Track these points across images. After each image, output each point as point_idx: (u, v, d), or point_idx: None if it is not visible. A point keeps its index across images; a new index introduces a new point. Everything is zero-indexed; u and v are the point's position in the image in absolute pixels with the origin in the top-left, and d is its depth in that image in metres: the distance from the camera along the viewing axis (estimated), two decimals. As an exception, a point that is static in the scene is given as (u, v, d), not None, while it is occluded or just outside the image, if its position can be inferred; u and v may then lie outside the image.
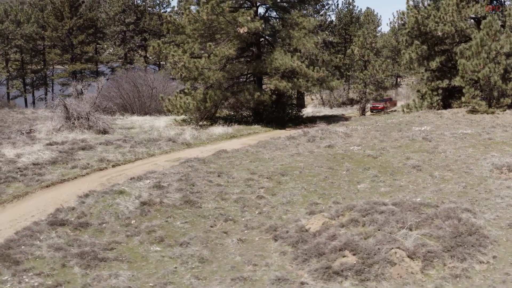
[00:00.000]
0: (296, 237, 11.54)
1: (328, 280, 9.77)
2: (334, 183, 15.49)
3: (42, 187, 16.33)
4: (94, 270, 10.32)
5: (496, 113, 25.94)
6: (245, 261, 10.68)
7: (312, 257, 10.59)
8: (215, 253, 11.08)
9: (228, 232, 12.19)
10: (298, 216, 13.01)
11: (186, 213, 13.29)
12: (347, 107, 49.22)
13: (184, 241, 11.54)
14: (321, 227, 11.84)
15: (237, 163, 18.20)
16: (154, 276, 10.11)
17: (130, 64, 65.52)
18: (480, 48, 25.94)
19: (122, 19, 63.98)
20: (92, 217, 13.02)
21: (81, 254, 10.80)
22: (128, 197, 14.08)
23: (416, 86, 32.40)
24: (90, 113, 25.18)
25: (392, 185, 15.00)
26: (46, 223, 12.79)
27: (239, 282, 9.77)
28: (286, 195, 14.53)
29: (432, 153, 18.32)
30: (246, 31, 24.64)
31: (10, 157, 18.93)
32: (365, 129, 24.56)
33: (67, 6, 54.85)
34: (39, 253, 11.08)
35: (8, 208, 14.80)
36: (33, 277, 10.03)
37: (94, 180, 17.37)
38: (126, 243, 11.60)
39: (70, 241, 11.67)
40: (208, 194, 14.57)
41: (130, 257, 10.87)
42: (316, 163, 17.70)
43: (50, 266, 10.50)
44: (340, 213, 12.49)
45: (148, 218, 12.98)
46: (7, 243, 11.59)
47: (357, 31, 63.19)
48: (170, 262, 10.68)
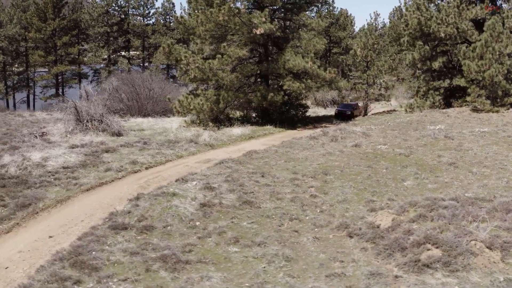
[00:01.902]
0: (371, 233, 11.71)
1: (419, 273, 9.97)
2: (379, 181, 15.75)
3: (83, 191, 15.94)
4: (181, 273, 10.18)
5: (501, 111, 26.89)
6: (330, 258, 10.76)
7: (396, 252, 10.77)
8: (296, 251, 11.10)
9: (298, 231, 12.23)
10: (360, 213, 13.18)
11: (248, 213, 13.24)
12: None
13: (260, 241, 11.51)
14: (392, 223, 12.03)
15: (272, 163, 18.23)
16: (245, 276, 10.05)
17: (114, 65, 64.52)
18: (485, 49, 26.84)
19: (105, 20, 62.93)
20: (154, 220, 12.80)
21: (163, 258, 10.62)
22: (183, 199, 13.91)
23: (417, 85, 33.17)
24: (104, 115, 24.65)
25: (437, 182, 15.37)
26: (107, 228, 12.51)
27: (335, 279, 9.85)
28: (338, 193, 14.68)
29: (460, 151, 18.86)
30: (262, 32, 24.71)
31: (36, 161, 18.36)
32: (380, 129, 25.02)
33: (51, 7, 53.53)
34: (115, 258, 10.84)
35: (54, 213, 14.38)
36: (120, 283, 9.81)
37: (132, 182, 17.08)
38: (201, 245, 11.47)
39: (142, 244, 11.46)
40: (261, 194, 14.56)
41: (213, 259, 10.77)
42: (352, 162, 17.93)
43: (133, 271, 10.29)
44: (405, 209, 12.72)
45: (212, 219, 12.88)
46: (75, 249, 11.29)
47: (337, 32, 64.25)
48: (256, 262, 10.64)
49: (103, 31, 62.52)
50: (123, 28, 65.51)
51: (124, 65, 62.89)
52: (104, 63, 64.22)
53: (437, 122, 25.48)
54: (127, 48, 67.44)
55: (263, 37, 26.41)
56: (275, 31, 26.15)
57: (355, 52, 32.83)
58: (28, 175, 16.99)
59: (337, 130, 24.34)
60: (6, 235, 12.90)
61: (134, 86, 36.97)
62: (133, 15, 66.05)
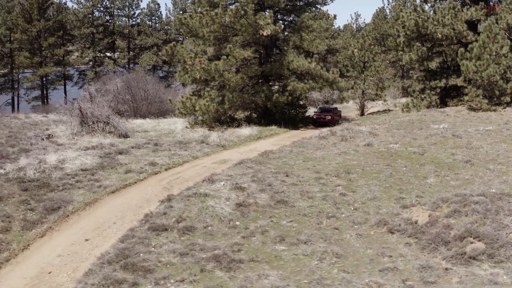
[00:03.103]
0: (411, 229, 12.02)
1: (467, 265, 10.33)
2: (402, 178, 16.09)
3: (108, 193, 15.82)
4: (237, 272, 10.27)
5: (498, 110, 27.71)
6: (378, 254, 11.01)
7: (440, 246, 11.10)
8: (343, 248, 11.31)
9: (339, 228, 12.45)
10: (393, 210, 13.47)
11: (284, 212, 13.39)
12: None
13: (305, 239, 11.68)
14: (429, 219, 12.36)
15: (291, 163, 18.41)
16: (301, 273, 10.20)
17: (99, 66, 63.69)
18: (482, 49, 27.63)
19: (91, 21, 62.08)
20: (193, 221, 12.82)
21: (215, 257, 10.68)
22: (217, 199, 13.96)
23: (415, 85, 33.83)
24: (110, 117, 24.42)
25: (458, 179, 15.79)
26: (146, 229, 12.49)
27: (389, 273, 10.10)
28: (366, 191, 14.95)
29: (471, 149, 19.38)
30: (269, 33, 24.88)
31: (53, 163, 18.10)
32: (385, 128, 25.46)
33: (36, 8, 52.51)
34: (166, 259, 10.85)
35: (84, 216, 14.24)
36: (179, 284, 9.84)
37: (154, 184, 17.03)
38: (247, 244, 11.57)
39: (188, 245, 11.49)
40: (292, 193, 14.72)
41: (264, 257, 10.88)
42: (369, 161, 18.25)
43: (187, 271, 10.32)
44: (438, 205, 13.07)
45: (251, 219, 12.98)
46: (121, 252, 11.24)
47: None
48: (307, 259, 10.80)
49: (89, 32, 61.64)
50: (108, 29, 64.74)
51: (110, 66, 62.13)
52: (90, 64, 63.32)
53: (439, 121, 26.07)
54: (113, 49, 66.64)
55: (267, 38, 26.57)
56: (279, 32, 26.38)
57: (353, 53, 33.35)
58: (48, 178, 16.74)
59: (344, 129, 24.67)
60: (41, 239, 12.75)
61: (129, 88, 36.62)
62: (118, 16, 65.31)
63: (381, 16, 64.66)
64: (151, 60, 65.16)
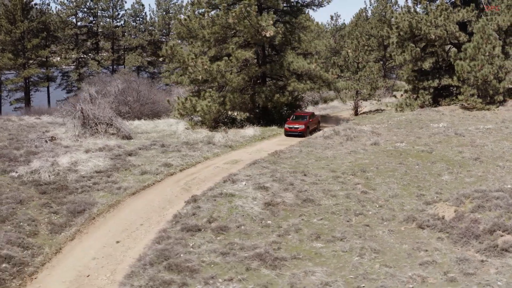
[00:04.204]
0: (440, 224, 12.38)
1: (500, 257, 10.76)
2: (418, 176, 16.48)
3: (129, 195, 15.73)
4: (283, 269, 10.42)
5: (492, 109, 28.54)
6: (414, 248, 11.32)
7: (471, 239, 11.49)
8: (379, 244, 11.57)
9: (369, 225, 12.71)
10: (417, 206, 13.82)
11: (313, 210, 13.59)
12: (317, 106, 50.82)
13: (340, 236, 11.91)
14: (455, 215, 12.75)
15: (304, 162, 18.63)
16: (345, 269, 10.41)
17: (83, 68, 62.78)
18: (477, 50, 28.43)
19: (74, 22, 61.20)
20: (224, 221, 12.90)
21: (258, 256, 10.81)
22: (244, 199, 14.07)
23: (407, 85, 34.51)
24: (113, 119, 24.19)
25: (472, 176, 16.27)
26: (179, 230, 12.52)
27: (429, 266, 10.41)
28: (386, 189, 15.27)
29: (476, 147, 19.96)
30: (271, 34, 25.06)
31: (66, 166, 17.86)
32: (384, 127, 25.94)
33: (20, 9, 51.40)
34: (208, 259, 10.93)
35: (109, 218, 14.15)
36: (228, 284, 9.94)
37: (172, 185, 17.00)
38: (285, 242, 11.72)
39: (227, 245, 11.58)
40: (315, 192, 14.93)
41: (305, 255, 11.06)
42: (381, 159, 18.61)
43: (233, 270, 10.42)
44: (461, 201, 13.48)
45: (282, 217, 13.13)
46: (160, 253, 11.26)
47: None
48: (347, 255, 11.02)
49: (72, 33, 60.75)
50: (92, 30, 63.94)
51: (94, 68, 61.30)
52: (74, 65, 62.39)
53: (437, 120, 26.71)
54: (97, 50, 65.76)
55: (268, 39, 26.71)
56: (280, 33, 26.58)
57: (347, 54, 33.87)
58: (64, 180, 16.53)
59: (346, 129, 24.99)
60: (71, 242, 12.62)
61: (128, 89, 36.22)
62: (103, 17, 64.52)
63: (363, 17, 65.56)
64: (136, 61, 64.63)
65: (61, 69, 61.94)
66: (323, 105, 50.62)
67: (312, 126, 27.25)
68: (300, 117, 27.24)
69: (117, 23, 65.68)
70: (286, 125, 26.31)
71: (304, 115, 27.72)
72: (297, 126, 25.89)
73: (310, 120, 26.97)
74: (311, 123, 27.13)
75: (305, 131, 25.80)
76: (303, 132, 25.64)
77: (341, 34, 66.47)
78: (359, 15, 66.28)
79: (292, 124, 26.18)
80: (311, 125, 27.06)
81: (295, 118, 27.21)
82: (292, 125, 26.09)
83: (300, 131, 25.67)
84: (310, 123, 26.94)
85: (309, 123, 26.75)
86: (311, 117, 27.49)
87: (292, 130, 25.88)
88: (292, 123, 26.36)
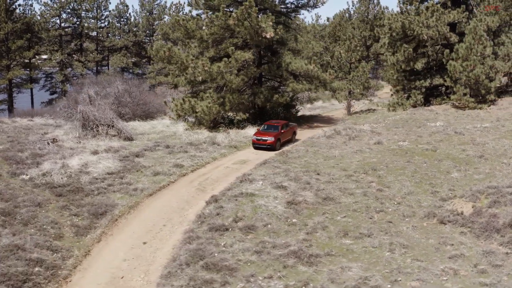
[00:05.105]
0: (460, 219, 12.80)
1: (523, 249, 11.21)
2: (428, 174, 16.92)
3: (146, 196, 15.73)
4: (319, 266, 10.64)
5: (484, 108, 29.38)
6: (440, 243, 11.69)
7: (493, 233, 11.93)
8: (406, 239, 11.90)
9: (392, 222, 13.04)
10: (434, 203, 14.23)
11: (334, 208, 13.84)
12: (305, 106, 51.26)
13: (367, 233, 12.19)
14: (474, 210, 13.19)
15: (313, 161, 18.90)
16: (379, 264, 10.69)
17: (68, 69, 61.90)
18: (469, 51, 29.22)
19: (58, 23, 60.31)
20: (250, 220, 13.05)
21: (294, 254, 11.01)
22: (266, 198, 14.24)
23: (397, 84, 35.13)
24: (114, 120, 24.03)
25: (480, 173, 16.79)
26: (207, 230, 12.62)
27: (458, 259, 10.79)
28: (400, 187, 15.65)
29: (478, 145, 20.55)
30: (272, 35, 25.27)
31: (76, 168, 17.72)
32: (383, 127, 26.43)
33: (3, 10, 50.37)
34: (244, 258, 11.09)
35: (131, 220, 14.13)
36: (269, 281, 10.12)
37: (186, 185, 17.04)
38: (314, 240, 11.94)
39: (258, 243, 11.73)
40: (332, 190, 15.19)
41: (337, 251, 11.30)
42: (388, 158, 19.01)
43: (270, 268, 10.60)
44: (477, 197, 13.94)
45: (306, 216, 13.35)
46: (195, 253, 11.35)
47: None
48: (378, 251, 11.31)
49: (57, 34, 59.82)
50: (76, 31, 63.10)
51: (79, 69, 60.52)
52: (58, 67, 61.42)
53: (432, 119, 27.35)
54: (81, 52, 64.89)
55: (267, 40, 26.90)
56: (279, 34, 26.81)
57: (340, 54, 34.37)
58: (77, 183, 16.40)
59: (346, 129, 25.42)
60: (98, 244, 12.58)
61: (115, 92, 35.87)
62: (87, 18, 63.71)
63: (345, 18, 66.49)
64: (122, 62, 64.08)
65: (45, 70, 60.95)
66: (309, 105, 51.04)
67: (285, 137, 23.99)
68: (272, 128, 23.88)
69: (101, 24, 65.02)
70: (254, 136, 23.13)
71: (276, 125, 24.10)
72: (266, 138, 22.58)
73: (282, 132, 23.64)
74: (284, 135, 23.84)
75: (275, 144, 22.54)
76: (272, 145, 22.42)
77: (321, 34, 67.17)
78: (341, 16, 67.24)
79: (261, 136, 22.91)
80: (284, 137, 23.80)
81: (266, 128, 24.00)
82: (260, 137, 22.84)
83: (269, 144, 22.46)
84: (282, 134, 23.64)
85: (281, 134, 23.46)
86: (283, 128, 24.12)
87: (260, 142, 22.63)
88: (261, 134, 23.11)
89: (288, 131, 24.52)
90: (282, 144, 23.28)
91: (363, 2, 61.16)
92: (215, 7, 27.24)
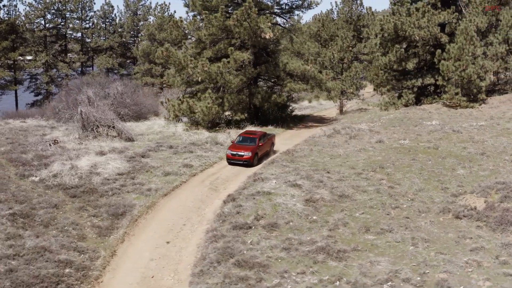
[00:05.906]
0: (475, 214, 13.23)
1: (538, 241, 11.70)
2: (434, 171, 17.37)
3: (161, 196, 15.79)
4: (348, 261, 10.90)
5: (476, 107, 30.17)
6: (459, 237, 12.08)
7: (508, 226, 12.39)
8: (426, 233, 12.26)
9: (409, 217, 13.39)
10: (447, 199, 14.65)
11: (351, 205, 14.14)
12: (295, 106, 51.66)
13: (387, 228, 12.52)
14: (486, 205, 13.65)
15: (320, 160, 19.19)
16: (405, 258, 11.02)
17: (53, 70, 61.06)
18: (461, 51, 29.99)
19: (43, 24, 59.45)
20: (271, 218, 13.24)
21: (322, 250, 11.25)
22: (283, 197, 14.46)
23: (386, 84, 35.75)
24: (114, 121, 23.93)
25: (484, 169, 17.31)
26: (230, 229, 12.77)
27: (480, 252, 11.21)
28: (410, 184, 16.04)
29: (477, 143, 21.14)
30: (271, 36, 25.51)
31: (86, 169, 17.64)
32: (380, 126, 26.91)
33: (-13, 10, 49.50)
34: (274, 255, 11.30)
35: (150, 220, 14.19)
36: (302, 276, 10.36)
37: (198, 185, 17.15)
38: (338, 236, 12.21)
39: (285, 240, 11.94)
40: (345, 188, 15.49)
41: (363, 247, 11.58)
42: (392, 156, 19.42)
43: (301, 264, 10.83)
44: (488, 192, 14.42)
45: (325, 213, 13.61)
46: (223, 251, 11.50)
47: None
48: (402, 245, 11.64)
49: (42, 35, 59.01)
50: (61, 32, 62.30)
51: (64, 70, 59.80)
52: (43, 68, 60.53)
53: (427, 118, 27.96)
54: (65, 52, 64.07)
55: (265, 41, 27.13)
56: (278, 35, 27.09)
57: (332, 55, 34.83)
58: (89, 183, 16.34)
59: (345, 128, 25.81)
60: (122, 245, 12.61)
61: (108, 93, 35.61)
62: (72, 18, 62.96)
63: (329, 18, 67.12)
64: (107, 63, 63.54)
65: (30, 72, 59.99)
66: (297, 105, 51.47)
67: (263, 150, 21.28)
68: (248, 140, 21.11)
69: (86, 25, 64.30)
70: (229, 151, 20.26)
71: (253, 137, 21.34)
72: (242, 153, 19.90)
73: (260, 145, 20.89)
74: (261, 148, 21.10)
75: (252, 159, 20.01)
76: (249, 161, 19.86)
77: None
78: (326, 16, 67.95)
79: (236, 150, 20.12)
80: (262, 150, 21.09)
81: (241, 140, 21.19)
82: (236, 151, 20.07)
83: (245, 159, 19.83)
84: (260, 147, 20.88)
85: (259, 148, 20.70)
86: (261, 139, 21.36)
87: (236, 158, 19.92)
88: (236, 149, 20.29)
89: (266, 143, 21.86)
90: (260, 159, 20.65)
91: (346, 3, 62.01)
92: (212, 8, 27.35)
